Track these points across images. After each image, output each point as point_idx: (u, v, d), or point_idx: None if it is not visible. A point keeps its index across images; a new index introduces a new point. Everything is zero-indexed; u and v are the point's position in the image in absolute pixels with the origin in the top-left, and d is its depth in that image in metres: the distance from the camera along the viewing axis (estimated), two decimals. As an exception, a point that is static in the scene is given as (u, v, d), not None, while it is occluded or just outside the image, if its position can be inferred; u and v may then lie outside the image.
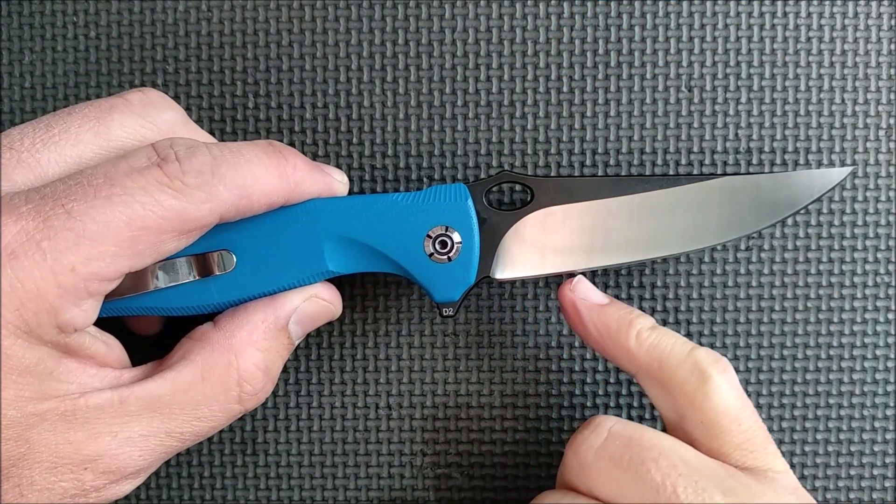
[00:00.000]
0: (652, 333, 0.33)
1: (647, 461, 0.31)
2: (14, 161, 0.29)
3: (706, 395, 0.32)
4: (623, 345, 0.34)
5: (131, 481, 0.31)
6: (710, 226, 0.34)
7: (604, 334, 0.34)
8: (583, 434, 0.33)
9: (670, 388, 0.33)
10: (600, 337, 0.34)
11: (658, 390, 0.34)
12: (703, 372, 0.32)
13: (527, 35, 0.38)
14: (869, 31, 0.38)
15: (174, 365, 0.31)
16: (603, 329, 0.34)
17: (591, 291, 0.35)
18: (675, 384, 0.33)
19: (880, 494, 0.39)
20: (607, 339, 0.34)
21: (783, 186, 0.35)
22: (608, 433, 0.32)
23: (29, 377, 0.28)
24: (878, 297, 0.39)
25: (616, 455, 0.31)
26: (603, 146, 0.38)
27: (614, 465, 0.31)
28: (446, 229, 0.33)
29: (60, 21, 0.38)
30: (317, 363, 0.39)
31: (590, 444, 0.32)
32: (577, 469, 0.32)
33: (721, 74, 0.38)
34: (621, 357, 0.34)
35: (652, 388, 0.34)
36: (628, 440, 0.32)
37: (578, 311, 0.34)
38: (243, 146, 0.31)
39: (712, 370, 0.32)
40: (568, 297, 0.35)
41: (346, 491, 0.40)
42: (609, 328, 0.34)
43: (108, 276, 0.28)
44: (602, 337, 0.34)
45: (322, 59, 0.38)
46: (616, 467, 0.31)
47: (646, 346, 0.33)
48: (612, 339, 0.34)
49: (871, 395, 0.39)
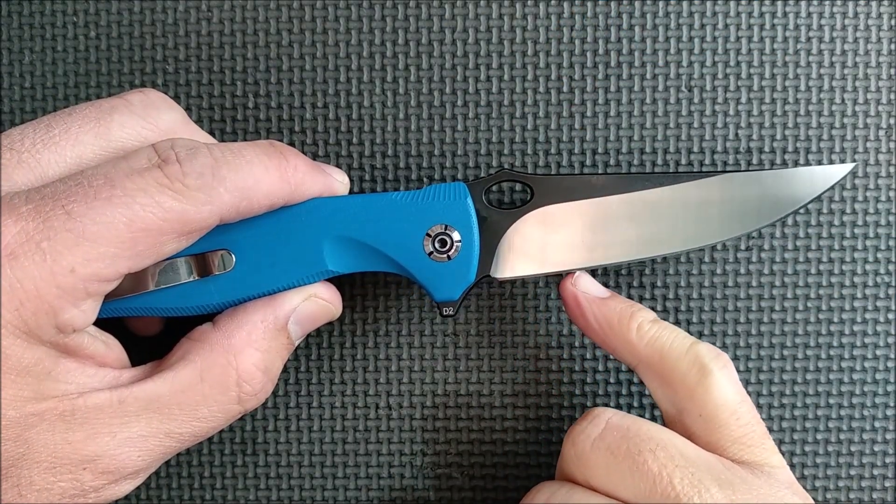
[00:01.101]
0: (653, 326, 0.34)
1: (644, 452, 0.31)
2: (14, 161, 0.29)
3: (706, 388, 0.32)
4: (624, 337, 0.34)
5: (130, 482, 0.31)
6: (711, 223, 0.34)
7: (605, 327, 0.34)
8: (581, 425, 0.33)
9: (670, 381, 0.33)
10: (601, 329, 0.34)
11: (658, 383, 0.34)
12: (704, 366, 0.33)
13: (527, 35, 0.38)
14: (869, 31, 0.38)
15: (173, 365, 0.31)
16: (604, 322, 0.34)
17: (592, 285, 0.35)
18: (675, 377, 0.33)
19: (880, 494, 0.39)
20: (608, 331, 0.34)
21: (785, 183, 0.35)
22: (606, 424, 0.32)
23: (28, 377, 0.28)
24: (878, 297, 0.39)
25: (613, 445, 0.31)
26: (603, 146, 0.38)
27: (611, 456, 0.31)
28: (446, 228, 0.33)
29: (60, 21, 0.38)
30: (317, 363, 0.39)
31: (587, 434, 0.32)
32: (575, 459, 0.32)
33: (721, 74, 0.38)
34: (622, 349, 0.34)
35: (652, 380, 0.34)
36: (626, 431, 0.32)
37: (580, 305, 0.34)
38: (244, 147, 0.31)
39: (713, 365, 0.33)
40: (570, 290, 0.35)
41: (346, 491, 0.40)
42: (610, 321, 0.34)
43: (107, 276, 0.28)
44: (603, 329, 0.34)
45: (322, 59, 0.38)
46: (613, 458, 0.31)
47: (647, 339, 0.33)
48: (613, 332, 0.34)
49: (871, 395, 0.39)
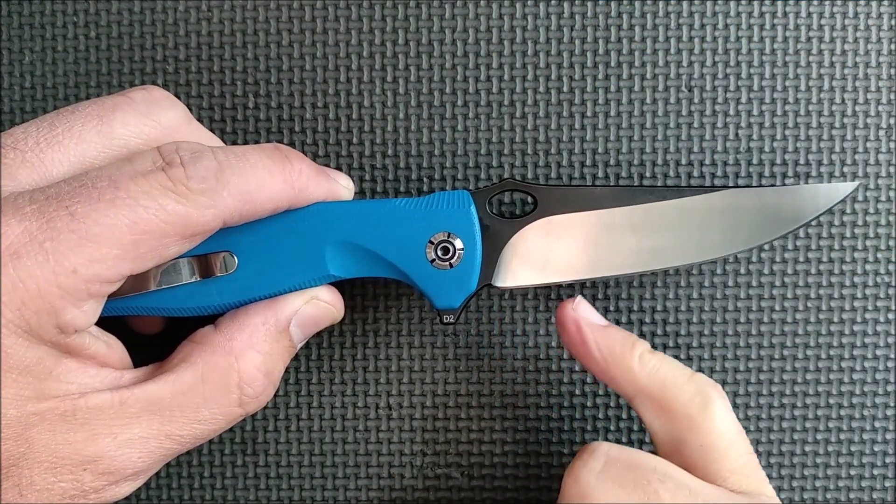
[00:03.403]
0: (653, 357, 0.34)
1: (654, 482, 0.31)
2: (18, 161, 0.29)
3: (708, 417, 0.33)
4: (626, 365, 0.34)
5: (131, 483, 0.31)
6: (713, 239, 0.34)
7: (606, 355, 0.34)
8: (581, 460, 0.33)
9: (671, 411, 0.33)
10: (602, 357, 0.34)
11: (656, 413, 0.34)
12: (707, 395, 0.33)
13: (527, 35, 0.38)
14: (869, 31, 0.38)
15: (175, 367, 0.31)
16: (606, 349, 0.34)
17: (592, 313, 0.35)
18: (677, 407, 0.33)
19: (880, 494, 0.39)
20: (609, 359, 0.34)
21: (789, 199, 0.35)
22: (606, 457, 0.32)
23: (29, 376, 0.28)
24: (878, 297, 0.39)
25: (620, 477, 0.31)
26: (603, 146, 0.38)
27: (619, 487, 0.31)
28: (448, 236, 0.33)
29: (60, 21, 0.38)
30: (317, 363, 0.39)
31: (590, 468, 0.32)
32: (580, 497, 0.32)
33: (721, 74, 0.38)
34: (622, 378, 0.34)
35: (649, 411, 0.34)
36: (628, 462, 0.32)
37: (581, 331, 0.34)
38: (249, 151, 0.31)
39: (714, 394, 0.33)
40: (570, 315, 0.34)
41: (346, 491, 0.40)
42: (612, 349, 0.34)
43: (109, 278, 0.28)
44: (605, 358, 0.34)
45: (322, 59, 0.38)
46: (622, 489, 0.31)
47: (648, 368, 0.33)
48: (615, 360, 0.34)
49: (871, 395, 0.39)
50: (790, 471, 0.39)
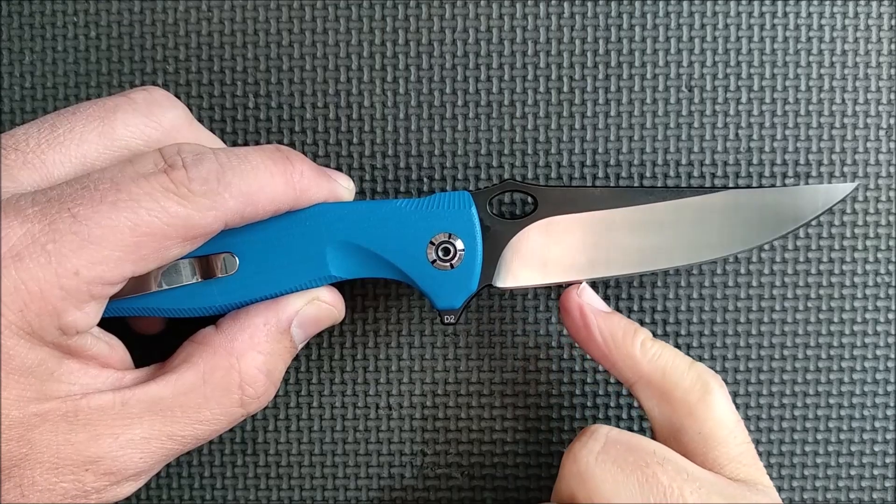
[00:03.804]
0: (655, 344, 0.34)
1: (652, 464, 0.31)
2: (20, 162, 0.29)
3: (708, 405, 0.33)
4: (628, 351, 0.34)
5: (132, 483, 0.31)
6: (713, 238, 0.34)
7: (608, 340, 0.34)
8: (580, 441, 0.33)
9: (671, 398, 0.33)
10: (604, 343, 0.34)
11: (656, 400, 0.34)
12: (707, 383, 0.33)
13: (527, 35, 0.38)
14: (869, 31, 0.38)
15: (176, 368, 0.31)
16: (608, 335, 0.34)
17: (595, 299, 0.35)
18: (677, 394, 0.33)
19: (880, 494, 0.39)
20: (612, 345, 0.34)
21: (788, 200, 0.35)
22: (606, 438, 0.32)
23: (31, 377, 0.28)
24: (878, 297, 0.39)
25: (619, 458, 0.31)
26: (603, 146, 0.38)
27: (619, 469, 0.31)
28: (449, 236, 0.33)
29: (60, 21, 0.38)
30: (317, 363, 0.39)
31: (590, 449, 0.32)
32: (578, 477, 0.32)
33: (721, 74, 0.38)
34: (623, 364, 0.34)
35: (649, 398, 0.34)
36: (628, 444, 0.32)
37: (585, 316, 0.34)
38: (250, 152, 0.31)
39: (714, 383, 0.33)
40: (575, 301, 0.35)
41: (346, 491, 0.40)
42: (615, 335, 0.34)
43: (111, 280, 0.28)
44: (607, 343, 0.34)
45: (322, 59, 0.38)
46: (620, 471, 0.31)
47: (650, 355, 0.34)
48: (616, 346, 0.34)
49: (871, 395, 0.39)
50: (790, 471, 0.39)
